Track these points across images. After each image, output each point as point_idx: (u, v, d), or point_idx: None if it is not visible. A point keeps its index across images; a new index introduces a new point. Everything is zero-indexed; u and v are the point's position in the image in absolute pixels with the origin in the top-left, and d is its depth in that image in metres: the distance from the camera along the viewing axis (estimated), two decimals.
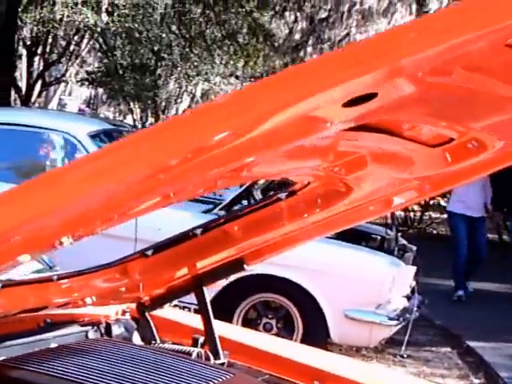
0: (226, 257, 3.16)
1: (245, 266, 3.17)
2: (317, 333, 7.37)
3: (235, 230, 3.07)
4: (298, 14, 24.56)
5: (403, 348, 7.78)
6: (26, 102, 22.19)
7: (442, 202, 16.25)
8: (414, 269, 8.00)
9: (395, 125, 2.20)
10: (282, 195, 2.93)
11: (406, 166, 2.58)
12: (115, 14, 22.44)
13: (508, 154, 2.56)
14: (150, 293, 3.32)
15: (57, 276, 3.00)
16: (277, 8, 24.36)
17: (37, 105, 23.50)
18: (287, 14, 24.77)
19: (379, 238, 8.34)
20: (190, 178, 2.07)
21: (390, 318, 7.33)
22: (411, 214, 16.47)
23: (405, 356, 7.91)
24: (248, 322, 7.48)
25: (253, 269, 3.36)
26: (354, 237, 7.92)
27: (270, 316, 7.53)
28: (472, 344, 8.64)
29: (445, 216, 16.30)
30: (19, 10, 18.51)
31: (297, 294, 7.38)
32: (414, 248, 8.43)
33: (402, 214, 16.31)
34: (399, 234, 8.49)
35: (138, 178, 1.83)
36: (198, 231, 3.08)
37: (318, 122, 1.82)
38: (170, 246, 3.13)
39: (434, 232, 16.41)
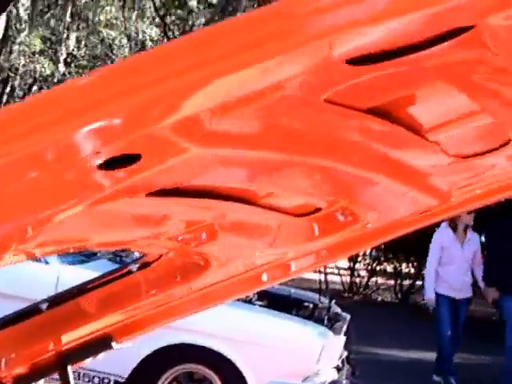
0: (90, 333, 2.94)
1: (113, 344, 2.94)
2: None
3: (88, 304, 2.87)
4: None
5: None
6: None
7: (389, 268, 16.11)
8: (343, 339, 7.77)
9: (248, 192, 2.00)
10: (134, 267, 2.76)
11: (265, 237, 2.41)
12: (73, 64, 22.43)
13: (403, 223, 2.43)
14: (12, 371, 3.04)
15: None
16: None
17: None
18: None
19: (311, 305, 8.12)
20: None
21: None
22: (357, 280, 16.29)
23: None
24: None
25: (122, 346, 3.10)
26: (285, 304, 7.74)
27: None
28: None
29: (391, 282, 16.20)
30: None
31: (221, 365, 7.10)
32: (348, 317, 8.20)
33: (348, 279, 16.15)
34: (333, 302, 8.29)
35: None
36: (44, 306, 2.90)
37: (74, 187, 1.50)
38: (15, 322, 2.91)
39: (379, 299, 16.20)
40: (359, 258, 16.11)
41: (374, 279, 16.29)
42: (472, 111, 1.75)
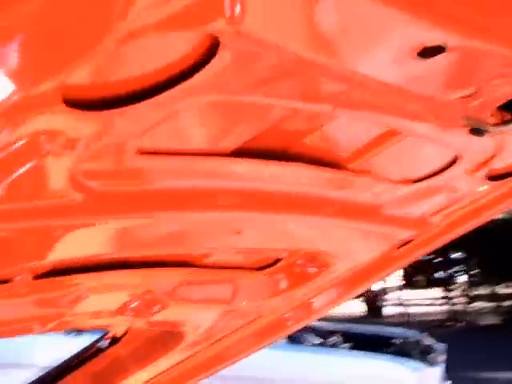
0: None
1: None
2: None
3: None
4: None
5: None
6: None
7: (486, 292, 15.67)
8: (439, 369, 7.59)
9: (191, 256, 1.91)
10: (104, 344, 2.56)
11: (227, 296, 2.27)
12: None
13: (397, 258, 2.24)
14: None
15: None
16: None
17: None
18: None
19: (400, 341, 7.98)
20: None
21: None
22: (456, 307, 15.90)
23: None
24: None
25: None
26: (373, 343, 7.63)
27: None
28: None
29: (490, 305, 15.72)
30: None
31: None
32: (443, 346, 8.03)
33: (445, 307, 15.78)
34: (424, 334, 8.15)
35: None
36: None
37: None
38: None
39: (482, 323, 15.75)
40: (454, 286, 15.77)
41: (472, 305, 15.89)
42: (385, 133, 1.63)
